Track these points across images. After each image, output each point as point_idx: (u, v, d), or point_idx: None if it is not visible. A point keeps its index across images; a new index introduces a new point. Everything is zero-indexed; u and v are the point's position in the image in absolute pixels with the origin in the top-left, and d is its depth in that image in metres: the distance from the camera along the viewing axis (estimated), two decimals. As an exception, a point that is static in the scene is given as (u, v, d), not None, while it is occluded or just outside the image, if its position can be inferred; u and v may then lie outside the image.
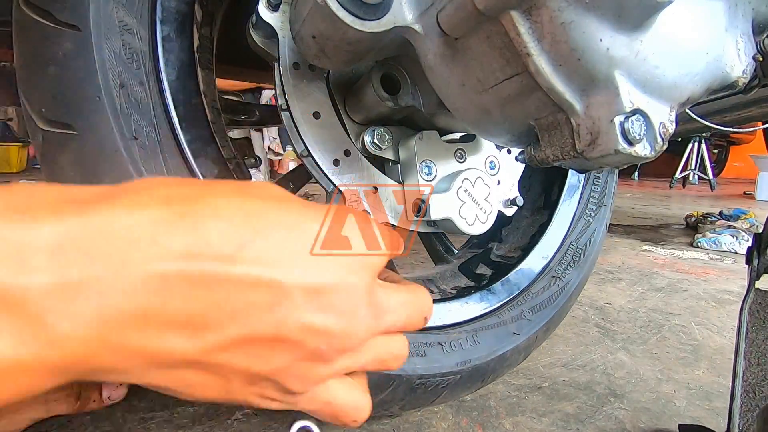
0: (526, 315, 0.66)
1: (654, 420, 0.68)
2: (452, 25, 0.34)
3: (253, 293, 0.23)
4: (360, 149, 0.55)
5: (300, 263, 0.24)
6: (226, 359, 0.24)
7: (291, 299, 0.24)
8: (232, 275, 0.23)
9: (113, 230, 0.21)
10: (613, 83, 0.31)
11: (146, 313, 0.21)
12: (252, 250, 0.23)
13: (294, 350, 0.25)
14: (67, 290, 0.20)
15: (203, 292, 0.22)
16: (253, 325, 0.23)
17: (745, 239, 2.03)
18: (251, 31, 0.48)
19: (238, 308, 0.23)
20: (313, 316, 0.25)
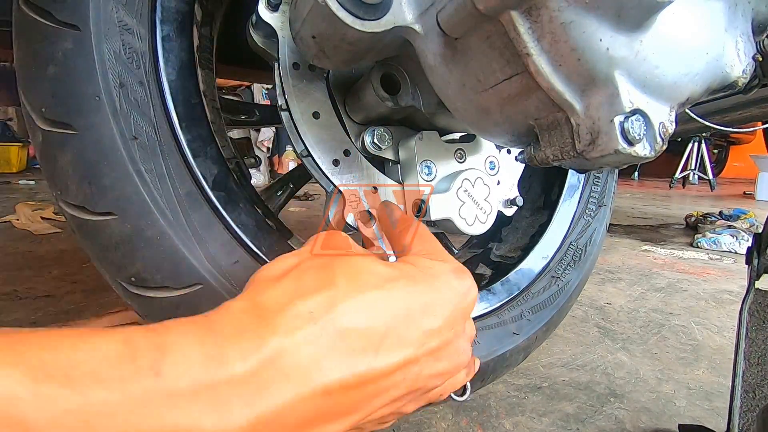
0: (525, 315, 0.66)
1: (654, 420, 0.68)
2: (452, 25, 0.34)
3: (393, 376, 0.28)
4: (360, 149, 0.55)
5: (425, 335, 0.29)
6: (369, 419, 0.29)
7: (419, 364, 0.29)
8: (377, 370, 0.27)
9: (284, 361, 0.25)
10: (612, 83, 0.31)
11: (314, 419, 0.25)
12: (388, 342, 0.28)
13: (418, 392, 0.31)
14: (260, 424, 0.23)
15: (355, 391, 0.26)
16: (392, 395, 0.28)
17: (745, 239, 2.03)
18: (251, 31, 0.48)
19: (383, 390, 0.28)
20: (434, 367, 0.30)
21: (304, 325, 0.26)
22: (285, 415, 0.24)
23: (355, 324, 0.27)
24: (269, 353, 0.24)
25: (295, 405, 0.24)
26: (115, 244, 0.43)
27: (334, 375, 0.25)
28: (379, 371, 0.27)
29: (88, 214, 0.43)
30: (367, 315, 0.27)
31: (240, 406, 0.23)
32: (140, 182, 0.43)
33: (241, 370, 0.23)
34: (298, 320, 0.26)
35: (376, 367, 0.27)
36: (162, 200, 0.44)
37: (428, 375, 0.30)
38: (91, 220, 0.43)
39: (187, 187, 0.46)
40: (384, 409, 0.29)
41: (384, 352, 0.27)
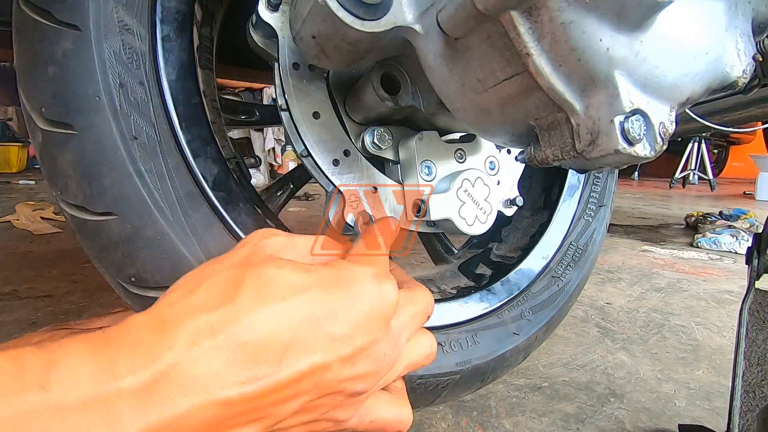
0: (526, 315, 0.66)
1: (654, 420, 0.68)
2: (452, 25, 0.34)
3: (300, 384, 0.28)
4: (360, 149, 0.55)
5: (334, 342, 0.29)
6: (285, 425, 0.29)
7: (331, 371, 0.29)
8: (280, 381, 0.27)
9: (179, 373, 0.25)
10: (613, 83, 0.31)
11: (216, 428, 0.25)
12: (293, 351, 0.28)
13: (337, 397, 0.30)
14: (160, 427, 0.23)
15: (259, 401, 0.26)
16: (302, 401, 0.29)
17: (745, 239, 2.03)
18: (251, 31, 0.48)
19: (289, 397, 0.28)
20: (350, 372, 0.30)
21: (202, 339, 0.26)
22: (180, 423, 0.24)
23: (257, 336, 0.27)
24: (162, 367, 0.24)
25: (192, 414, 0.24)
26: (115, 243, 0.43)
27: (233, 387, 0.25)
28: (284, 380, 0.27)
29: (88, 214, 0.43)
30: (270, 326, 0.27)
31: (131, 417, 0.23)
32: (140, 182, 0.43)
33: (131, 383, 0.23)
34: (197, 335, 0.26)
35: (278, 377, 0.27)
36: (162, 200, 0.44)
37: (343, 379, 0.30)
38: (91, 220, 0.43)
39: (187, 187, 0.46)
40: (300, 415, 0.29)
41: (288, 361, 0.27)
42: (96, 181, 0.42)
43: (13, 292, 1.09)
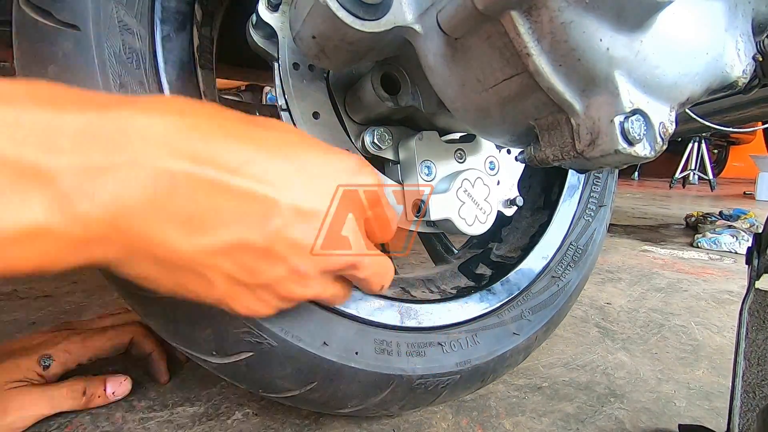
0: (526, 315, 0.66)
1: (654, 420, 0.68)
2: (452, 25, 0.34)
3: (248, 204, 0.26)
4: (360, 149, 0.55)
5: (295, 187, 0.28)
6: (217, 262, 0.27)
7: (282, 216, 0.27)
8: (231, 185, 0.25)
9: (130, 127, 0.23)
10: (613, 83, 0.31)
11: (153, 205, 0.24)
12: (253, 167, 0.26)
13: (278, 264, 0.28)
14: (89, 173, 0.22)
15: (204, 196, 0.25)
16: (244, 233, 0.27)
17: (745, 239, 2.03)
18: (251, 31, 0.48)
19: (234, 216, 0.26)
20: (299, 234, 0.28)
21: (168, 112, 0.25)
22: (120, 178, 0.23)
23: (226, 135, 0.26)
24: (115, 115, 0.23)
25: (133, 171, 0.23)
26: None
27: (187, 161, 0.24)
28: (235, 187, 0.25)
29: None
30: (244, 137, 0.27)
31: (69, 147, 0.22)
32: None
33: (78, 118, 0.22)
34: (164, 105, 0.25)
35: (229, 180, 0.25)
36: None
37: (292, 240, 0.28)
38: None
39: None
40: (236, 256, 0.27)
41: (246, 174, 0.26)
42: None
43: (13, 292, 1.09)
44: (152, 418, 0.62)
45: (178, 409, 0.64)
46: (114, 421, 0.61)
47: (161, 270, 0.26)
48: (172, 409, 0.64)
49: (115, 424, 0.61)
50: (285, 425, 0.62)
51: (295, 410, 0.64)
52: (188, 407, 0.65)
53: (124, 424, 0.61)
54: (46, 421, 0.60)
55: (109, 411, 0.63)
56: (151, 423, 0.61)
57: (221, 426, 0.61)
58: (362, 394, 0.53)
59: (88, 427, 0.60)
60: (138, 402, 0.66)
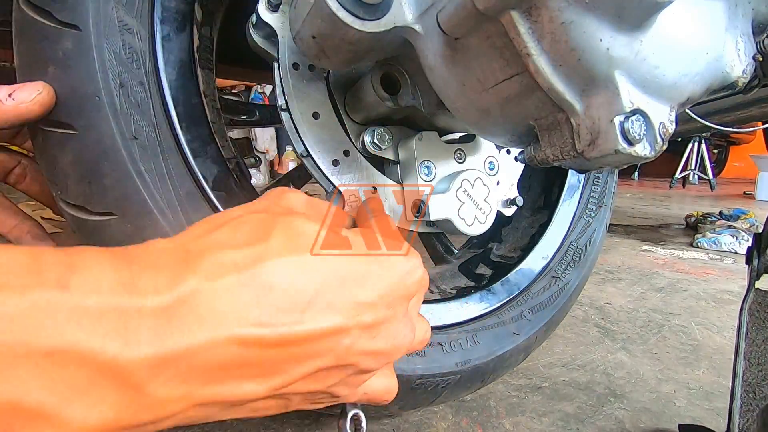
0: (526, 315, 0.66)
1: (654, 420, 0.68)
2: (452, 25, 0.34)
3: (318, 343, 0.27)
4: (360, 149, 0.55)
5: (357, 307, 0.28)
6: (292, 390, 0.28)
7: (350, 336, 0.28)
8: (300, 333, 0.26)
9: (200, 303, 0.23)
10: (612, 83, 0.31)
11: (227, 370, 0.24)
12: (316, 307, 0.27)
13: (348, 370, 0.30)
14: (166, 361, 0.22)
15: (275, 350, 0.25)
16: (317, 364, 0.27)
17: (745, 239, 2.03)
18: (251, 31, 0.48)
19: (306, 356, 0.27)
20: (368, 344, 0.29)
21: (226, 272, 0.25)
22: (194, 356, 0.23)
23: (283, 281, 0.26)
24: (185, 291, 0.23)
25: (207, 348, 0.23)
26: (116, 244, 0.43)
27: (253, 327, 0.24)
28: (304, 333, 0.26)
29: (88, 214, 0.43)
30: (297, 275, 0.26)
31: (147, 337, 0.21)
32: (140, 182, 0.43)
33: (153, 302, 0.22)
34: (221, 268, 0.25)
35: (300, 328, 0.26)
36: (162, 200, 0.44)
37: (360, 351, 0.29)
38: (91, 220, 0.43)
39: (187, 187, 0.46)
40: (310, 381, 0.28)
41: (310, 315, 0.26)
42: (95, 181, 0.42)
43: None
44: (152, 418, 0.62)
45: (178, 409, 0.64)
46: (114, 421, 0.61)
47: (238, 411, 0.27)
48: (172, 409, 0.64)
49: (115, 424, 0.61)
50: (285, 425, 0.62)
51: (296, 410, 0.64)
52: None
53: (124, 424, 0.61)
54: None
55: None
56: (151, 423, 0.61)
57: (221, 426, 0.61)
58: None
59: (88, 427, 0.60)
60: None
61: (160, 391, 0.22)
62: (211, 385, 0.24)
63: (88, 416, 0.20)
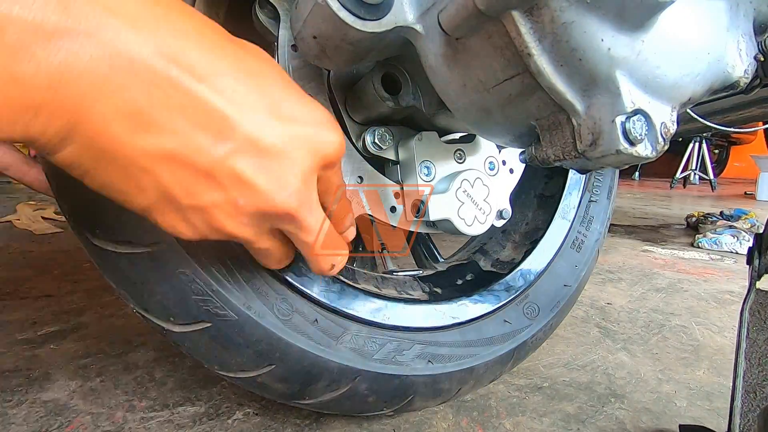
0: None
1: (654, 420, 0.68)
2: (453, 25, 0.34)
3: (204, 117, 0.24)
4: (361, 149, 0.55)
5: (259, 118, 0.26)
6: (154, 168, 0.25)
7: (235, 142, 0.25)
8: (192, 91, 0.24)
9: (106, 2, 0.21)
10: (614, 83, 0.31)
11: (103, 86, 0.21)
12: (221, 82, 0.24)
13: (216, 191, 0.26)
14: (41, 33, 0.20)
15: (160, 93, 0.23)
16: (191, 146, 0.25)
17: (746, 239, 2.03)
18: (257, 11, 0.49)
19: (185, 124, 0.24)
20: (247, 167, 0.26)
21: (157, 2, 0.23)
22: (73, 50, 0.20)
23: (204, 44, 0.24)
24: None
25: (89, 45, 0.21)
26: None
27: (148, 50, 0.22)
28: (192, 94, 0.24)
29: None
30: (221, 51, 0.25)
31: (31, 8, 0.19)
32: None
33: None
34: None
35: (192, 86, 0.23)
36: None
37: (237, 169, 0.26)
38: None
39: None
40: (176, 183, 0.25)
41: (209, 90, 0.24)
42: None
43: (14, 292, 1.09)
44: (153, 417, 0.62)
45: (178, 408, 0.65)
46: (115, 420, 0.61)
47: (94, 160, 0.24)
48: (173, 409, 0.64)
49: (116, 423, 0.61)
50: (285, 425, 0.62)
51: (296, 410, 0.64)
52: (189, 407, 0.65)
53: (125, 424, 0.61)
54: (47, 420, 0.60)
55: (110, 411, 0.63)
56: (151, 423, 0.61)
57: (222, 426, 0.61)
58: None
59: (89, 427, 0.60)
60: (139, 402, 0.66)
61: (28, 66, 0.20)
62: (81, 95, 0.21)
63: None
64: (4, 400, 0.65)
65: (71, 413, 0.62)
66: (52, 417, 0.60)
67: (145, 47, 0.22)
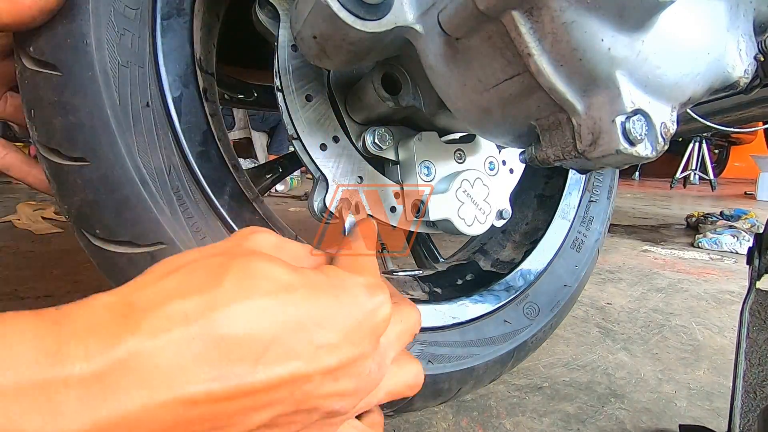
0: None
1: (655, 420, 0.68)
2: (453, 25, 0.34)
3: (276, 391, 0.24)
4: (361, 149, 0.55)
5: (316, 351, 0.26)
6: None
7: (311, 382, 0.26)
8: (255, 384, 0.24)
9: (140, 364, 0.21)
10: (614, 83, 0.31)
11: (175, 425, 0.22)
12: (272, 354, 0.24)
13: (312, 415, 0.27)
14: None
15: (226, 404, 0.23)
16: (275, 412, 0.25)
17: (746, 239, 2.03)
18: (257, 11, 0.49)
19: (261, 406, 0.24)
20: (331, 387, 0.27)
21: (173, 326, 0.22)
22: (134, 422, 0.21)
23: (235, 330, 0.23)
24: (122, 354, 0.21)
25: (149, 413, 0.21)
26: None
27: (201, 384, 0.22)
28: (258, 384, 0.24)
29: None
30: (251, 322, 0.24)
31: (75, 410, 0.19)
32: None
33: (83, 370, 0.20)
34: (167, 321, 0.22)
35: (254, 379, 0.23)
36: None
37: (324, 394, 0.27)
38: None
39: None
40: (269, 428, 0.26)
41: (265, 364, 0.24)
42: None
43: (14, 292, 1.09)
44: (153, 417, 0.62)
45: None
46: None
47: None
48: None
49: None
50: (285, 425, 0.62)
51: None
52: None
53: (124, 424, 0.61)
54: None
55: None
56: (151, 423, 0.61)
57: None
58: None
59: (89, 427, 0.60)
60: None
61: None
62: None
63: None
64: (4, 400, 0.64)
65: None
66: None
67: (194, 382, 0.22)
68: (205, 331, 0.23)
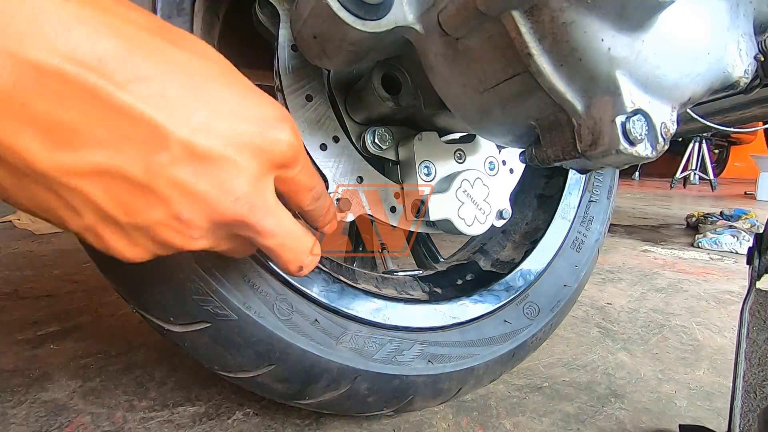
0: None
1: (655, 420, 0.68)
2: (453, 25, 0.34)
3: (132, 127, 0.22)
4: (361, 149, 0.55)
5: (195, 121, 0.24)
6: (83, 187, 0.23)
7: (170, 151, 0.23)
8: (114, 98, 0.21)
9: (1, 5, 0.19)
10: (614, 83, 0.31)
11: (9, 98, 0.20)
12: (148, 86, 0.22)
13: (158, 206, 0.24)
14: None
15: (77, 104, 0.21)
16: (121, 160, 0.22)
17: (746, 239, 2.03)
18: (257, 11, 0.49)
19: (111, 136, 0.22)
20: (185, 176, 0.24)
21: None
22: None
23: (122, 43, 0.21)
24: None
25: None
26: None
27: (57, 55, 0.20)
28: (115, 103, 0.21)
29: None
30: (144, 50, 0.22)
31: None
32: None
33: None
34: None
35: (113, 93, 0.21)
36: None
37: (175, 180, 0.24)
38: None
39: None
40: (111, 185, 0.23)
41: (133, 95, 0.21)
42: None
43: (14, 292, 1.09)
44: (153, 417, 0.62)
45: (178, 408, 0.65)
46: (115, 420, 0.61)
47: (15, 180, 0.22)
48: (173, 409, 0.64)
49: (116, 423, 0.61)
50: (285, 425, 0.62)
51: (296, 410, 0.64)
52: (189, 407, 0.65)
53: (124, 424, 0.61)
54: (47, 420, 0.60)
55: (110, 411, 0.63)
56: (151, 423, 0.61)
57: (221, 426, 0.61)
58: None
59: (89, 427, 0.60)
60: (138, 402, 0.66)
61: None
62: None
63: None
64: (4, 400, 0.65)
65: (71, 413, 0.62)
66: (52, 417, 0.61)
67: (54, 53, 0.20)
68: (88, 17, 0.21)
